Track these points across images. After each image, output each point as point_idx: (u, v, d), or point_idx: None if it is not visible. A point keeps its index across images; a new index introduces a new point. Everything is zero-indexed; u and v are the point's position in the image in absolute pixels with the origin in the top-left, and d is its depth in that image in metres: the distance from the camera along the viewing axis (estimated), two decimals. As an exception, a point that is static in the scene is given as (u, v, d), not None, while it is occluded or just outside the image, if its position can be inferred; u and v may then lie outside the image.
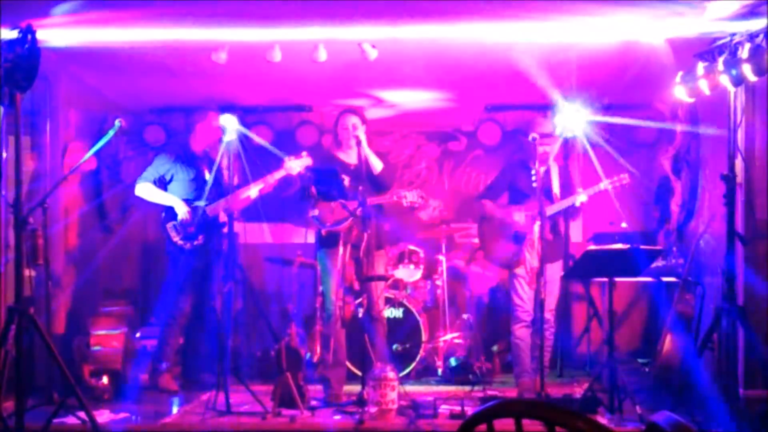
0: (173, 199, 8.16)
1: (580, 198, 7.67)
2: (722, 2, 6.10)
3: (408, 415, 7.05)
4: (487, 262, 8.84)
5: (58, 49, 7.24)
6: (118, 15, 6.70)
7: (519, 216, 7.83)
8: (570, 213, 7.91)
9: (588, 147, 8.23)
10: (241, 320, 9.35)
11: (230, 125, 7.91)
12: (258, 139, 8.74)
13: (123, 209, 9.59)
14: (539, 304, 7.45)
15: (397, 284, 9.24)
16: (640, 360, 8.86)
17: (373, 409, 6.96)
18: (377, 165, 7.75)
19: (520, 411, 2.13)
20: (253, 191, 8.10)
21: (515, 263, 7.81)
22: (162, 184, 8.22)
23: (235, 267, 8.69)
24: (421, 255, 9.29)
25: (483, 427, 2.25)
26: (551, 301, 7.79)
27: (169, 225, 8.13)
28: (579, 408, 7.20)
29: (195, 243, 8.15)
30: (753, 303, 6.83)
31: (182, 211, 8.09)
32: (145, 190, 8.20)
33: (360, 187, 7.38)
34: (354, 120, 7.83)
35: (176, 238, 8.12)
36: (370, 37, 7.24)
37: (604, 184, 7.69)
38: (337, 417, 7.17)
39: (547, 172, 7.80)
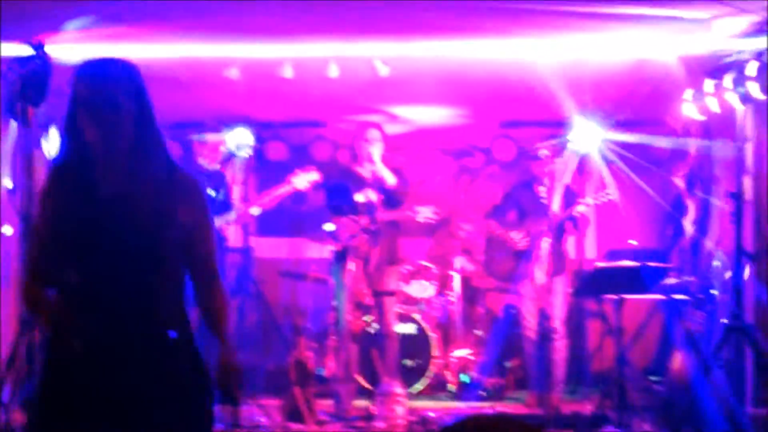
0: None
1: (578, 208, 7.70)
2: (728, 19, 6.09)
3: (415, 430, 7.06)
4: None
5: (71, 65, 7.29)
6: (131, 31, 6.75)
7: (516, 235, 7.88)
8: (574, 226, 7.93)
9: (602, 164, 8.24)
10: (255, 334, 9.39)
11: (244, 140, 8.00)
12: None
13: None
14: (544, 316, 7.46)
15: (410, 300, 9.25)
16: (652, 378, 8.81)
17: (380, 425, 6.99)
18: (390, 180, 7.77)
19: (484, 426, 2.15)
20: (257, 207, 8.11)
21: (515, 279, 7.85)
22: None
23: (249, 281, 8.75)
24: (434, 271, 9.29)
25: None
26: (558, 314, 7.80)
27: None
28: (588, 425, 7.21)
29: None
30: (763, 320, 6.79)
31: None
32: None
33: (372, 202, 7.42)
34: (375, 134, 7.87)
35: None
36: (381, 53, 7.27)
37: (590, 200, 7.73)
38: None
39: (550, 190, 7.83)
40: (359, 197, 7.67)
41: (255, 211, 8.19)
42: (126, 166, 3.16)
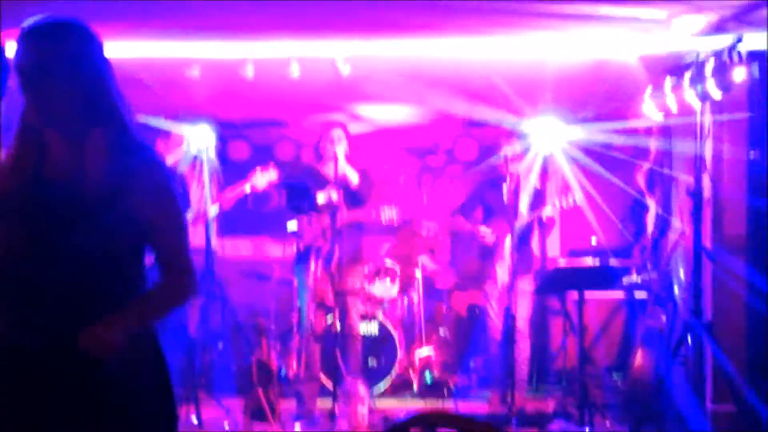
0: None
1: (546, 211, 7.70)
2: (687, 18, 6.13)
3: (378, 430, 7.06)
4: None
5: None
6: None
7: (485, 231, 7.89)
8: (540, 227, 7.94)
9: (564, 163, 8.27)
10: (219, 335, 9.36)
11: (206, 140, 7.96)
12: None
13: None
14: (510, 318, 7.48)
15: (374, 299, 9.25)
16: (615, 375, 8.86)
17: (343, 424, 6.98)
18: (353, 179, 7.77)
19: (433, 422, 2.15)
20: (215, 206, 8.09)
21: (482, 279, 7.86)
22: None
23: (212, 281, 8.70)
24: (397, 271, 9.30)
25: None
26: (523, 313, 7.83)
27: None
28: (550, 422, 7.24)
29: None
30: (722, 318, 6.84)
31: None
32: None
33: (333, 202, 7.41)
34: (339, 133, 7.86)
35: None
36: (342, 52, 7.25)
37: (557, 203, 7.76)
38: (308, 431, 7.19)
39: (516, 189, 7.84)
40: (321, 197, 7.65)
41: (213, 210, 8.16)
42: (65, 141, 2.84)
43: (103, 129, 2.87)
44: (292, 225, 7.74)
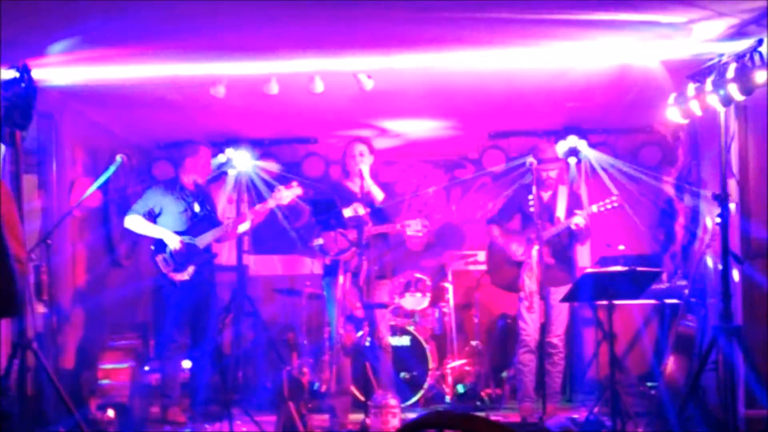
0: (163, 232, 8.14)
1: (575, 220, 7.68)
2: (708, 23, 6.13)
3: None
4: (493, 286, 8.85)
5: (59, 87, 7.35)
6: (114, 52, 6.79)
7: (516, 248, 7.88)
8: (575, 236, 7.92)
9: (598, 169, 8.29)
10: (252, 352, 9.43)
11: (241, 158, 8.03)
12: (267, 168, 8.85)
13: (131, 244, 9.65)
14: (541, 328, 7.45)
15: (405, 312, 9.28)
16: (648, 383, 8.81)
17: (375, 437, 7.00)
18: (378, 195, 7.81)
19: (447, 421, 2.17)
20: (245, 224, 8.17)
21: (517, 287, 7.85)
22: (151, 217, 8.21)
23: (244, 298, 8.77)
24: (428, 283, 9.32)
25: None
26: (558, 327, 7.83)
27: (159, 257, 8.12)
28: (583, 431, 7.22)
29: (186, 275, 8.09)
30: (752, 322, 6.80)
31: (173, 242, 8.05)
32: (134, 222, 8.21)
33: (360, 217, 7.45)
34: (362, 148, 7.92)
35: (166, 270, 8.12)
36: (365, 67, 7.30)
37: (595, 208, 7.72)
38: (340, 445, 7.22)
39: (553, 196, 7.84)
40: (348, 212, 7.70)
41: (243, 227, 8.24)
42: None
43: None
44: (318, 240, 7.78)
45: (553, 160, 7.90)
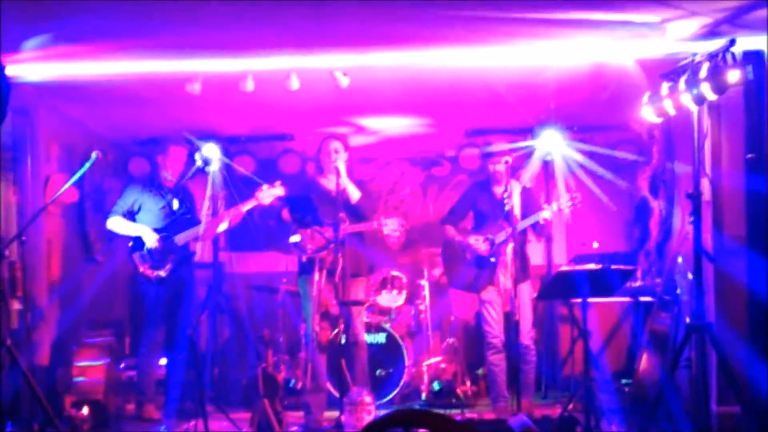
0: (142, 228, 8.14)
1: (544, 214, 7.70)
2: (681, 22, 6.17)
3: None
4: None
5: (34, 83, 7.32)
6: (89, 48, 6.77)
7: (476, 241, 7.89)
8: (537, 231, 7.94)
9: (566, 168, 8.31)
10: (228, 349, 9.43)
11: (212, 155, 8.03)
12: (239, 168, 8.83)
13: (107, 240, 9.62)
14: (514, 326, 7.46)
15: (381, 309, 9.29)
16: (623, 380, 8.86)
17: (349, 434, 7.00)
18: (354, 194, 7.79)
19: (409, 420, 2.19)
20: (224, 222, 8.15)
21: (479, 287, 7.86)
22: (131, 215, 8.21)
23: (220, 296, 8.76)
24: (404, 280, 9.33)
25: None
26: (526, 325, 7.84)
27: (136, 254, 8.11)
28: (557, 428, 7.25)
29: (162, 272, 8.09)
30: (724, 319, 6.84)
31: (151, 239, 8.05)
32: (116, 223, 8.21)
33: (339, 214, 7.44)
34: (336, 145, 7.90)
35: (143, 268, 8.11)
36: (341, 64, 7.31)
37: (555, 206, 7.74)
38: (315, 442, 7.23)
39: (510, 194, 7.83)
40: (324, 209, 7.70)
41: (222, 227, 8.23)
42: None
43: None
44: (295, 238, 7.77)
45: (501, 154, 7.88)
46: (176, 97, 7.90)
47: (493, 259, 7.80)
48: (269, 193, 7.96)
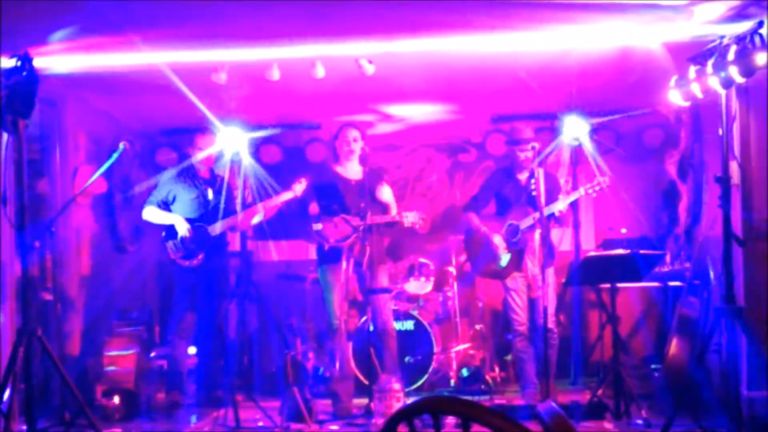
0: (175, 218, 8.15)
1: (558, 206, 7.62)
2: (708, 5, 6.13)
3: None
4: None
5: (61, 75, 7.35)
6: (115, 40, 6.80)
7: (497, 240, 7.84)
8: (557, 221, 7.90)
9: (594, 153, 8.27)
10: (257, 338, 9.47)
11: (240, 145, 8.04)
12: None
13: (136, 230, 9.66)
14: (543, 312, 7.44)
15: (409, 296, 9.31)
16: (652, 366, 8.84)
17: (379, 421, 7.02)
18: (392, 210, 7.86)
19: (436, 408, 2.20)
20: (260, 213, 8.15)
21: (504, 274, 7.84)
22: (165, 205, 8.22)
23: (249, 285, 8.79)
24: (432, 267, 9.34)
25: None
26: (551, 309, 7.82)
27: (169, 243, 8.12)
28: (586, 414, 7.24)
29: (194, 261, 8.11)
30: (755, 303, 6.80)
31: (183, 228, 8.06)
32: (151, 213, 8.24)
33: (362, 203, 7.45)
34: (356, 134, 7.91)
35: (175, 256, 8.14)
36: (366, 52, 7.30)
37: (583, 190, 7.68)
38: (345, 430, 7.24)
39: (530, 177, 7.79)
40: (350, 198, 7.72)
41: (257, 218, 8.23)
42: None
43: None
44: (317, 226, 7.78)
45: (527, 140, 7.86)
46: (201, 87, 7.91)
47: (515, 239, 7.76)
48: (301, 187, 7.95)
